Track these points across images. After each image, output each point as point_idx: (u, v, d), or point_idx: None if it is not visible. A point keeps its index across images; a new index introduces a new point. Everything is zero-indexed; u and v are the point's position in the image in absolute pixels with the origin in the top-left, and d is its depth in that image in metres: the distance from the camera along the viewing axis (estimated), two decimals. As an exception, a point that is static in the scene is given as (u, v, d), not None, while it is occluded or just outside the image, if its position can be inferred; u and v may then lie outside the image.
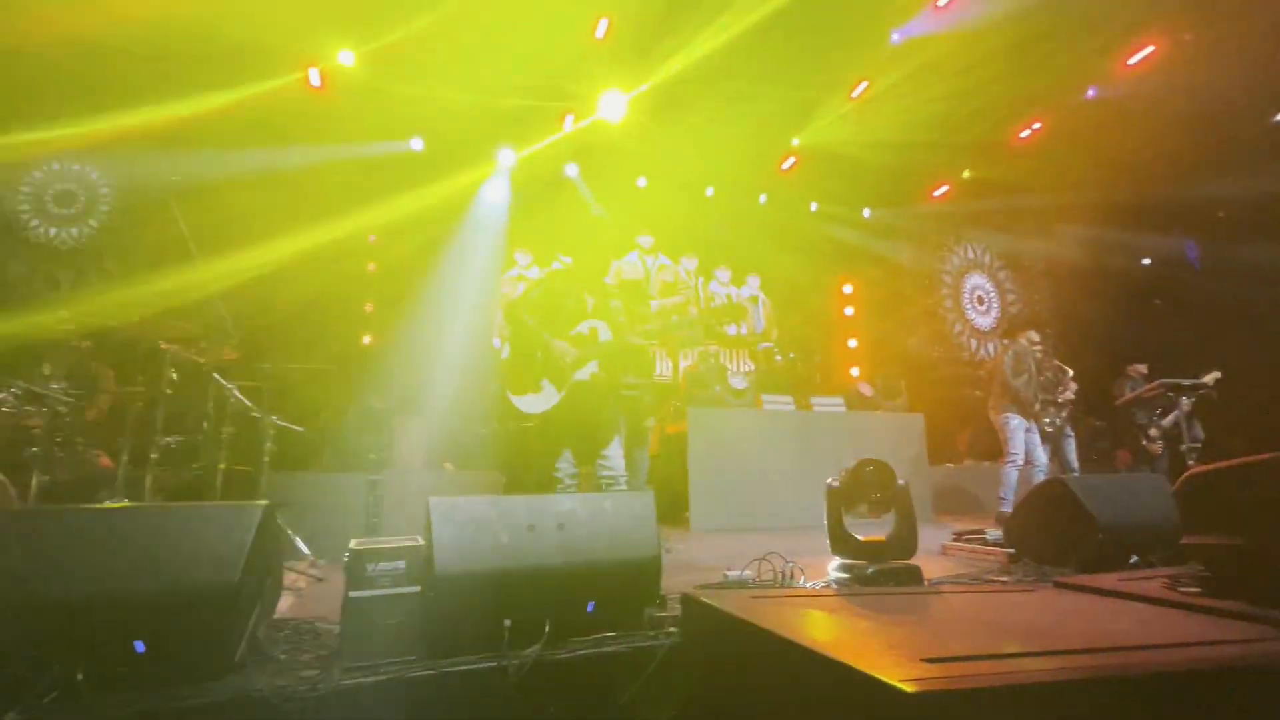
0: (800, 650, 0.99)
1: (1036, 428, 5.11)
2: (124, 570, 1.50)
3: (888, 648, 1.03)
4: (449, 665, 1.65)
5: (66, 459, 2.86)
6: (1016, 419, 5.06)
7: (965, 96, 7.81)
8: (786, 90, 8.03)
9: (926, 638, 1.18)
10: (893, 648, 1.04)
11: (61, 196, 6.52)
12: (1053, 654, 1.11)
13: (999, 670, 0.96)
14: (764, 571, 2.50)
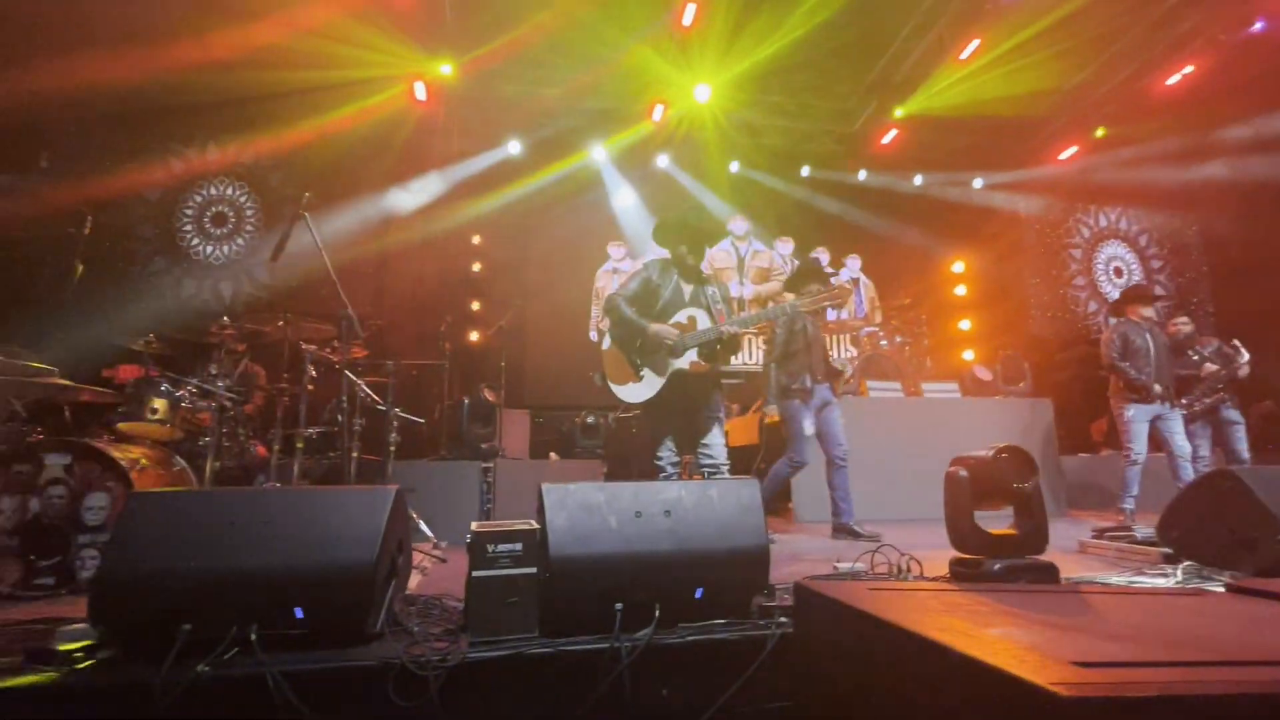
0: (932, 646, 0.94)
1: (1175, 414, 4.49)
2: (284, 545, 1.69)
3: (1030, 648, 0.95)
4: (565, 644, 1.72)
5: (231, 448, 3.27)
6: (1135, 409, 4.46)
7: (1099, 44, 7.00)
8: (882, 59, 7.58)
9: (1074, 640, 1.08)
10: (1036, 648, 0.96)
11: (216, 218, 7.39)
12: (1229, 664, 0.98)
13: (1168, 679, 0.86)
14: (877, 564, 2.40)
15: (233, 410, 3.21)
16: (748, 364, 7.89)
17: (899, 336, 6.64)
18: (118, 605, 1.62)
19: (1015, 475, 2.08)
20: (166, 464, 2.87)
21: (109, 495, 2.50)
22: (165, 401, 2.95)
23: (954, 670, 0.89)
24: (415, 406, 5.98)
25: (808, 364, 3.88)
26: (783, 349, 3.96)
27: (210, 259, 7.26)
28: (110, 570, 1.63)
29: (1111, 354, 4.57)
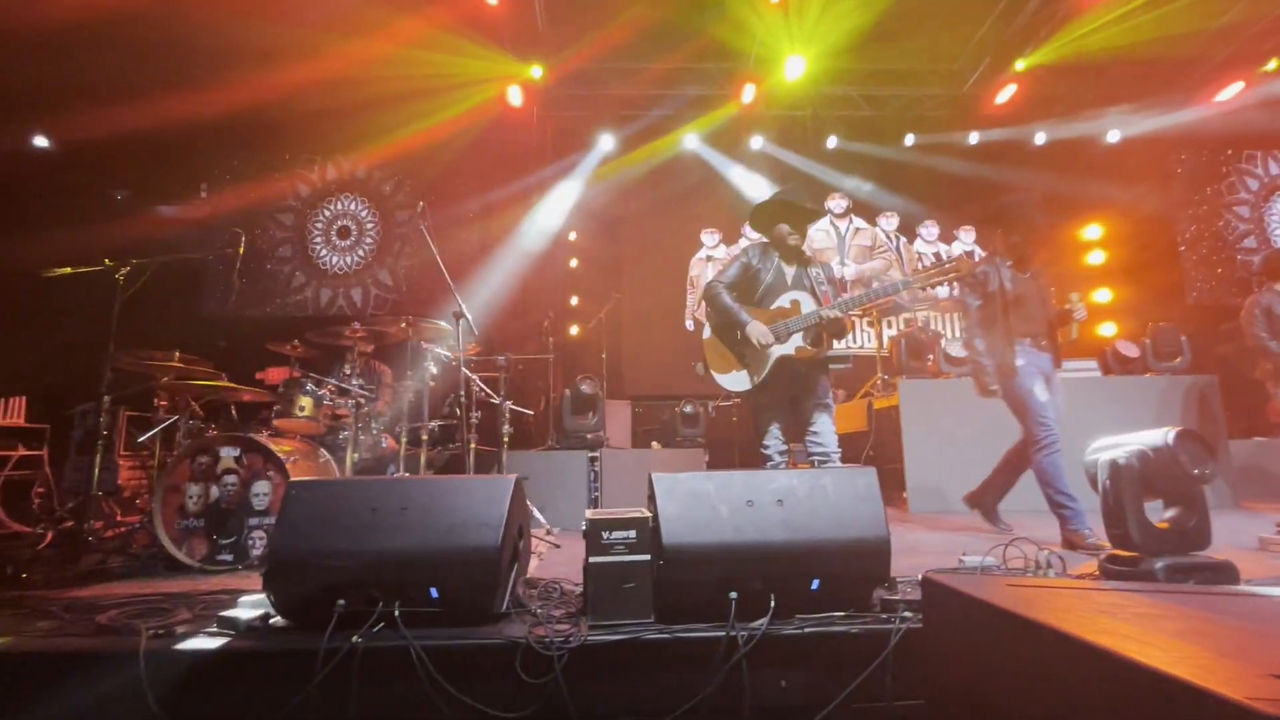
0: (1094, 651, 0.85)
1: None
2: (419, 529, 1.83)
3: (1218, 657, 0.84)
4: (681, 631, 1.73)
5: (365, 441, 3.59)
6: None
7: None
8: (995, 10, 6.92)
9: (1266, 649, 0.95)
10: (1225, 657, 0.85)
11: (341, 231, 8.09)
12: None
13: (1405, 701, 0.73)
14: (1010, 558, 2.22)
15: (365, 406, 3.51)
16: (851, 347, 7.57)
17: (1024, 312, 6.06)
18: (285, 580, 1.82)
19: (1191, 462, 1.82)
20: (313, 456, 3.19)
21: (271, 483, 2.83)
22: (310, 399, 3.29)
23: (1123, 679, 0.80)
24: (522, 399, 6.27)
25: (1016, 329, 3.17)
26: (979, 320, 3.27)
27: (336, 269, 7.97)
28: (276, 549, 1.84)
29: (1256, 330, 3.94)
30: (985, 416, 4.72)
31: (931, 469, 4.65)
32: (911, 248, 8.35)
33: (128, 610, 1.94)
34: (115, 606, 2.00)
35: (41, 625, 1.87)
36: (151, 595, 2.20)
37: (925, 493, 4.61)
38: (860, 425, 5.53)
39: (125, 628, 1.78)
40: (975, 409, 4.75)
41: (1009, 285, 3.16)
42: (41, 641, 1.74)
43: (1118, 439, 1.99)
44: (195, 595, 2.22)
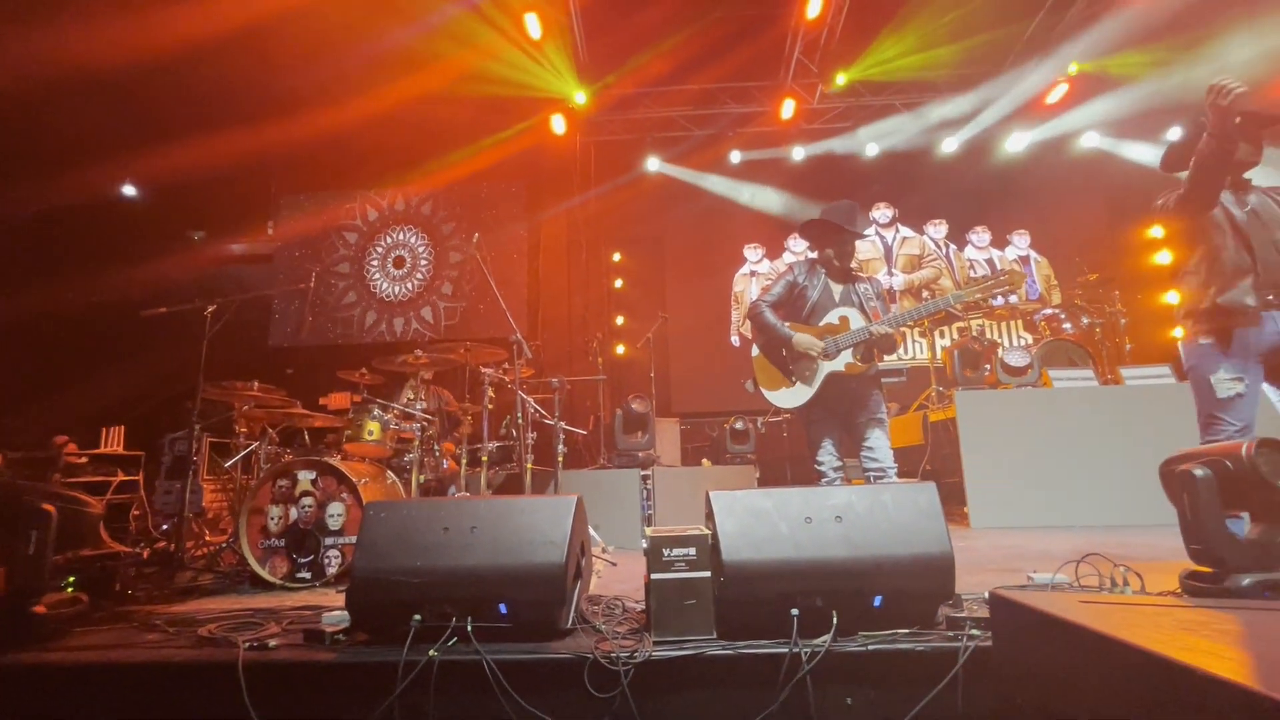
0: (1181, 671, 0.84)
1: None
2: (487, 548, 1.91)
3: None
4: (744, 647, 1.75)
5: (429, 462, 3.74)
6: None
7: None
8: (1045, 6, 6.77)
9: (1365, 670, 0.92)
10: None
11: (397, 260, 8.47)
12: None
13: None
14: (1083, 575, 2.15)
15: (430, 429, 3.67)
16: (904, 359, 7.42)
17: (1086, 318, 5.85)
18: (364, 596, 1.93)
19: (1273, 472, 1.74)
20: (381, 478, 3.35)
21: (344, 504, 2.99)
22: (378, 424, 3.46)
23: (1206, 696, 0.80)
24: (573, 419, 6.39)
25: (1227, 273, 2.29)
26: (1187, 259, 2.45)
27: (386, 295, 8.33)
28: (358, 567, 1.95)
29: None
30: (1047, 427, 4.57)
31: (993, 482, 4.51)
32: (962, 255, 8.16)
33: (224, 624, 2.10)
34: (212, 621, 2.15)
35: (150, 638, 2.03)
36: (243, 610, 2.36)
37: (987, 507, 4.47)
38: (916, 439, 5.40)
39: (224, 640, 1.92)
40: (1037, 419, 4.61)
41: (1227, 217, 2.37)
42: (151, 653, 1.90)
43: (1196, 449, 1.92)
44: (282, 610, 2.37)
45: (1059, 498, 4.40)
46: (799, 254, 8.11)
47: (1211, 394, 2.26)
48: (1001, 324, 7.73)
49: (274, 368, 7.22)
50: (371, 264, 8.44)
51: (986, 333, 7.65)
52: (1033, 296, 7.79)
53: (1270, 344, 2.23)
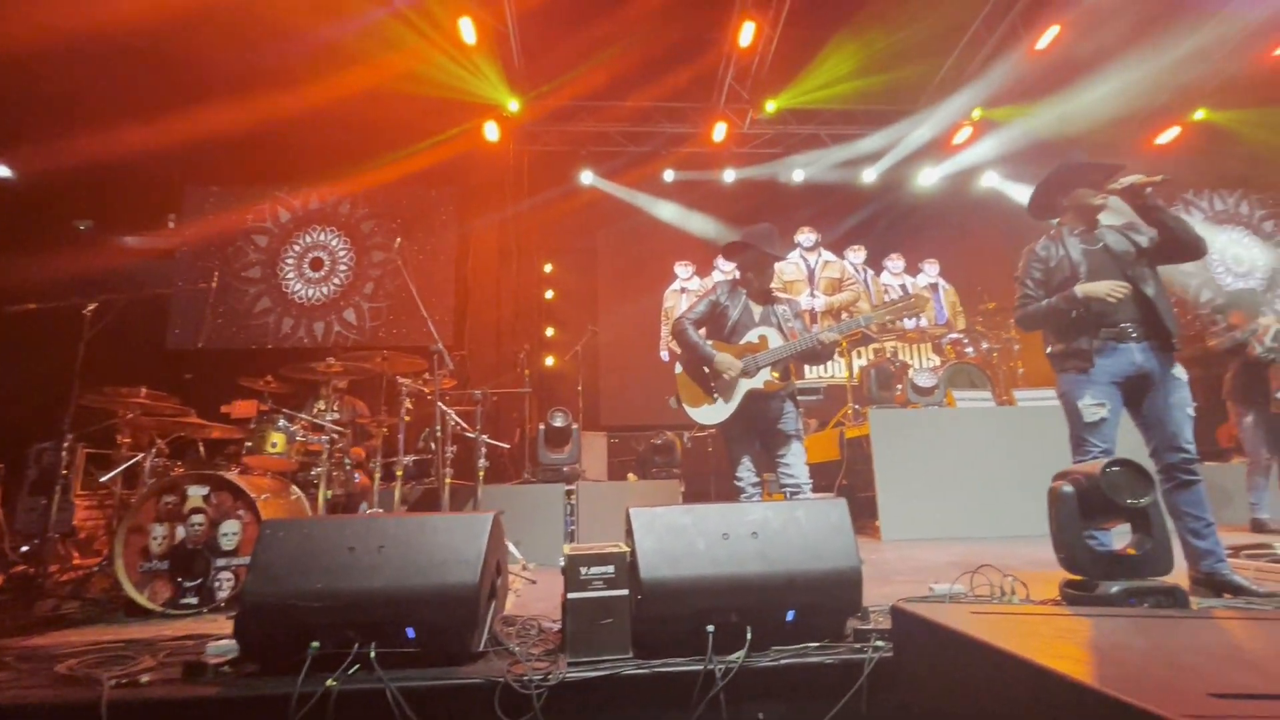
0: (1046, 675, 0.91)
1: None
2: (396, 568, 1.82)
3: (1160, 679, 0.90)
4: (659, 665, 1.75)
5: (339, 477, 3.54)
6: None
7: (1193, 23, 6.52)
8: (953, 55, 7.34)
9: (1207, 670, 1.02)
10: (1166, 679, 0.91)
11: (314, 262, 8.04)
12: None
13: (1321, 714, 0.80)
14: (977, 585, 2.29)
15: (340, 444, 3.48)
16: (823, 377, 7.73)
17: (985, 342, 6.31)
18: (256, 623, 1.79)
19: (1128, 491, 1.94)
20: (285, 493, 3.14)
21: (240, 522, 2.77)
22: (283, 435, 3.24)
23: (1074, 701, 0.86)
24: (497, 432, 6.24)
25: (1069, 313, 2.51)
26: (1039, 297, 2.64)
27: (304, 300, 7.90)
28: (250, 591, 1.81)
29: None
30: (951, 444, 4.88)
31: (903, 497, 4.75)
32: (879, 280, 8.62)
33: (88, 659, 1.88)
34: (74, 655, 1.93)
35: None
36: (113, 642, 2.13)
37: (897, 520, 4.69)
38: (833, 455, 5.62)
39: (86, 678, 1.72)
40: (946, 436, 4.91)
41: (1080, 258, 2.60)
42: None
43: (1069, 469, 2.10)
44: (159, 641, 2.15)
45: (962, 511, 4.69)
46: (728, 272, 8.32)
47: (1080, 418, 2.47)
48: (913, 346, 8.21)
49: (171, 373, 6.63)
50: (286, 267, 7.97)
51: (899, 354, 8.10)
52: (940, 321, 8.33)
53: (1126, 373, 2.47)
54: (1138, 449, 2.38)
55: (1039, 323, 2.63)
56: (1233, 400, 4.88)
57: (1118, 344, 2.44)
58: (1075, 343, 2.48)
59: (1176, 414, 2.42)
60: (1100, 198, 2.55)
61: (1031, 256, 2.69)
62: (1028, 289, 2.66)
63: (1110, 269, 2.51)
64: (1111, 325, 2.44)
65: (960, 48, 7.23)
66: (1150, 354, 2.46)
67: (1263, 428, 4.66)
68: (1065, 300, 2.48)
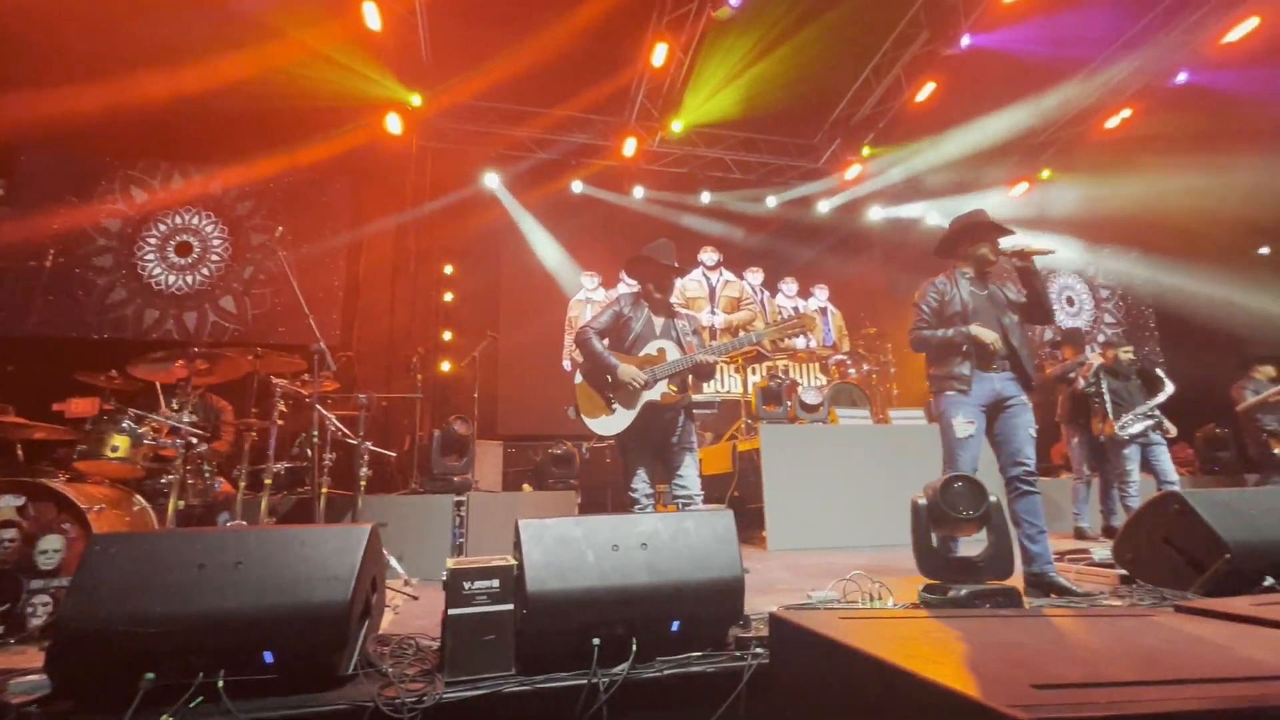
0: (900, 674, 0.98)
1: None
2: (255, 586, 1.65)
3: (993, 672, 1.00)
4: (542, 682, 1.71)
5: (195, 485, 3.18)
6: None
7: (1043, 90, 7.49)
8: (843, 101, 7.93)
9: (1034, 663, 1.14)
10: (998, 673, 1.01)
11: (181, 247, 7.26)
12: (1180, 683, 1.04)
13: (1117, 699, 0.91)
14: (849, 592, 2.44)
15: (198, 447, 3.13)
16: (719, 392, 7.99)
17: (866, 365, 6.81)
18: (76, 654, 1.56)
19: (964, 504, 2.16)
20: (126, 504, 2.77)
21: (64, 538, 2.41)
22: (127, 438, 2.86)
23: (918, 695, 0.93)
24: (386, 440, 5.90)
25: (961, 346, 2.88)
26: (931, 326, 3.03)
27: (171, 289, 7.12)
28: (69, 618, 1.57)
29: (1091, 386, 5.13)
30: (833, 459, 5.20)
31: (789, 508, 4.98)
32: (774, 301, 9.07)
33: None
34: None
35: None
36: (-119, 683, 1.77)
37: (783, 531, 4.91)
38: (726, 467, 5.81)
39: None
40: (829, 451, 5.23)
41: (969, 299, 2.99)
42: None
43: (931, 483, 2.30)
44: (-53, 679, 1.81)
45: (842, 522, 4.99)
46: (633, 284, 8.44)
47: (954, 433, 2.82)
48: (803, 365, 8.70)
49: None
50: (144, 253, 7.13)
51: (790, 372, 8.55)
52: (828, 343, 8.89)
53: (989, 399, 2.85)
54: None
55: (931, 347, 2.99)
56: (1064, 423, 5.58)
57: (985, 374, 2.86)
58: (957, 369, 2.86)
59: (1021, 434, 2.81)
60: (994, 254, 2.96)
61: (931, 288, 3.04)
62: (924, 315, 3.01)
63: (989, 313, 2.92)
64: (984, 360, 2.86)
65: (853, 91, 7.82)
66: (1009, 383, 2.87)
67: (1086, 448, 5.35)
68: (959, 335, 2.87)
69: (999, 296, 2.99)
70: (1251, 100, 7.02)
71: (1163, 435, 4.95)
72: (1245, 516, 2.51)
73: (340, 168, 7.51)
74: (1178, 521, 2.60)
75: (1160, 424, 4.95)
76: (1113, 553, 2.93)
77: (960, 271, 3.04)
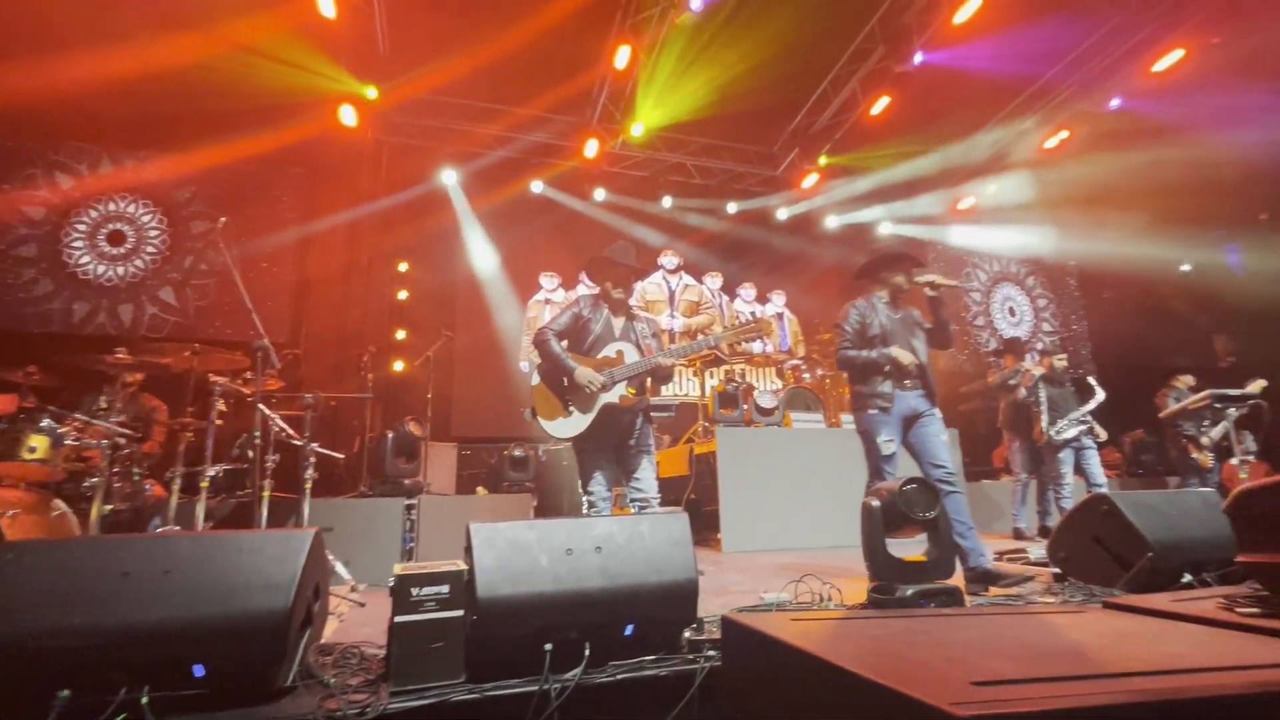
0: (844, 675, 0.99)
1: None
2: (185, 596, 1.57)
3: (934, 671, 1.03)
4: (492, 689, 1.67)
5: (123, 489, 2.99)
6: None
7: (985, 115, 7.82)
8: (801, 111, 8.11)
9: (973, 661, 1.17)
10: (939, 671, 1.04)
11: (113, 236, 6.86)
12: (1105, 677, 1.09)
13: (1050, 694, 0.95)
14: (800, 593, 2.48)
15: (127, 448, 2.95)
16: (677, 395, 8.04)
17: (820, 370, 6.96)
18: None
19: (921, 505, 2.23)
20: (44, 509, 2.59)
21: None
22: (46, 439, 2.67)
23: (864, 696, 0.95)
24: (334, 441, 5.70)
25: (882, 367, 3.15)
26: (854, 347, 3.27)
27: (103, 279, 6.73)
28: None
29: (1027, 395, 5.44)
30: (788, 461, 5.29)
31: (744, 510, 5.04)
32: (732, 306, 9.19)
33: None
34: None
35: None
36: None
37: (738, 533, 4.97)
38: (683, 469, 5.85)
39: None
40: (783, 454, 5.31)
41: (888, 322, 3.26)
42: None
43: (877, 486, 2.36)
44: None
45: (796, 523, 5.08)
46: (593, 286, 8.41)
47: (879, 452, 3.09)
48: (760, 369, 8.84)
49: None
50: (72, 241, 6.71)
51: (747, 376, 8.67)
52: (784, 348, 9.06)
53: (905, 414, 3.15)
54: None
55: (855, 367, 3.25)
56: (1005, 428, 5.83)
57: (902, 392, 3.17)
58: (879, 387, 3.15)
59: (934, 441, 3.12)
60: (909, 283, 3.27)
61: (853, 310, 3.32)
62: (847, 335, 3.29)
63: (903, 336, 3.24)
64: (900, 379, 3.16)
65: (811, 102, 8.00)
66: (920, 399, 3.18)
67: (1026, 452, 5.60)
68: (882, 356, 3.14)
69: (910, 320, 3.30)
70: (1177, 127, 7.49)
71: (1093, 440, 5.24)
72: (1166, 517, 2.67)
73: (291, 158, 7.24)
74: (1106, 522, 2.75)
75: (1091, 429, 5.24)
76: (1047, 552, 3.07)
77: (877, 296, 3.33)
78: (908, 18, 6.53)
